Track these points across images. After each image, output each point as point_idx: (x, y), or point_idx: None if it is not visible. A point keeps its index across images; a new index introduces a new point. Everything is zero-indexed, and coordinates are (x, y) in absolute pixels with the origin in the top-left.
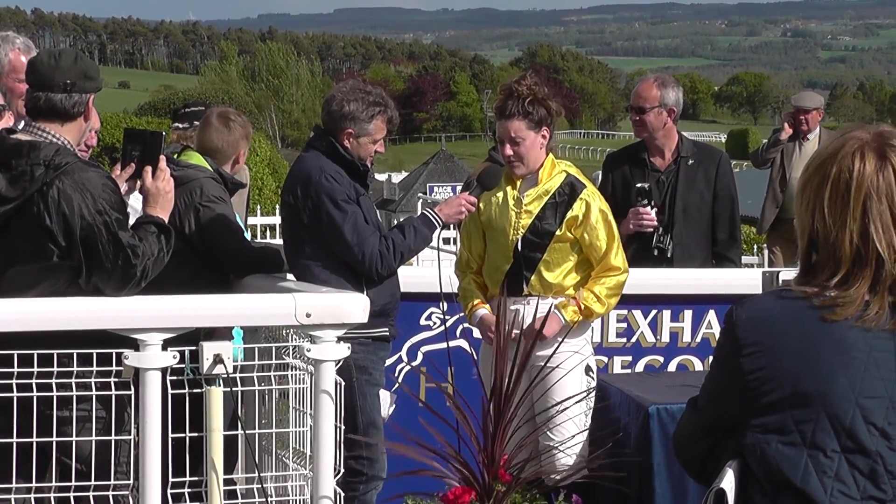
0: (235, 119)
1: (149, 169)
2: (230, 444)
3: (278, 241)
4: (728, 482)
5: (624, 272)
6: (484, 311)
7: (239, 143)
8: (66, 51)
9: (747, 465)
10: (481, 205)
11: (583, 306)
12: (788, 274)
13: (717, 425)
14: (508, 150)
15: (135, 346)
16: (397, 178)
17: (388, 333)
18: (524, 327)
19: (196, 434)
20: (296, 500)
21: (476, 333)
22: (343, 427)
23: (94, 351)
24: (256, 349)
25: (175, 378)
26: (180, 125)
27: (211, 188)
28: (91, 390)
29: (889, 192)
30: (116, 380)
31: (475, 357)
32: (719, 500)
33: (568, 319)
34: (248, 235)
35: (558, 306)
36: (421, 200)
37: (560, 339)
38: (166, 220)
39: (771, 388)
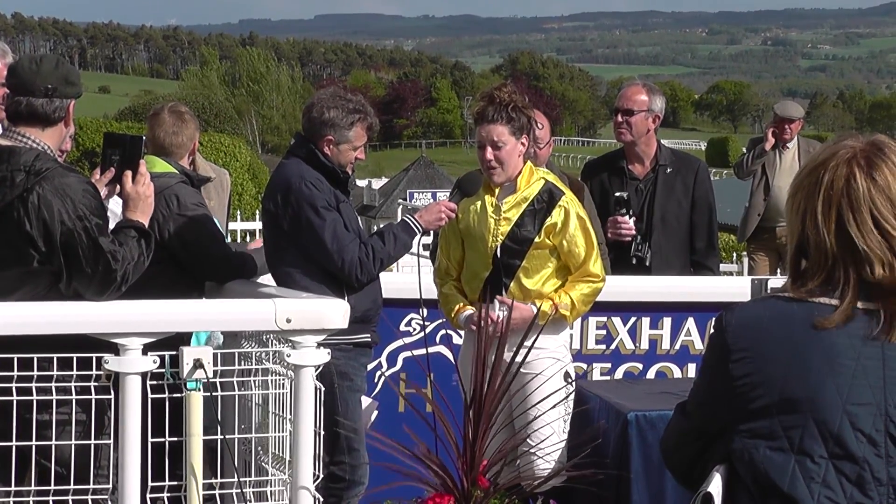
0: (186, 111)
1: (129, 173)
2: (210, 449)
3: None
4: (715, 486)
5: (601, 280)
6: (470, 311)
7: (195, 135)
8: (47, 56)
9: (735, 470)
10: (459, 212)
11: (559, 308)
12: (777, 282)
13: (705, 430)
14: (488, 155)
15: (115, 350)
16: (377, 184)
17: (369, 339)
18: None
19: (176, 439)
20: None
21: (456, 339)
22: (324, 433)
23: (75, 355)
24: (237, 354)
25: (155, 383)
26: None
27: (188, 195)
28: (71, 394)
29: (879, 201)
30: (96, 384)
31: (455, 363)
32: None
33: (539, 311)
34: (228, 240)
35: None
36: (401, 206)
37: (538, 345)
38: (146, 225)
39: (759, 394)
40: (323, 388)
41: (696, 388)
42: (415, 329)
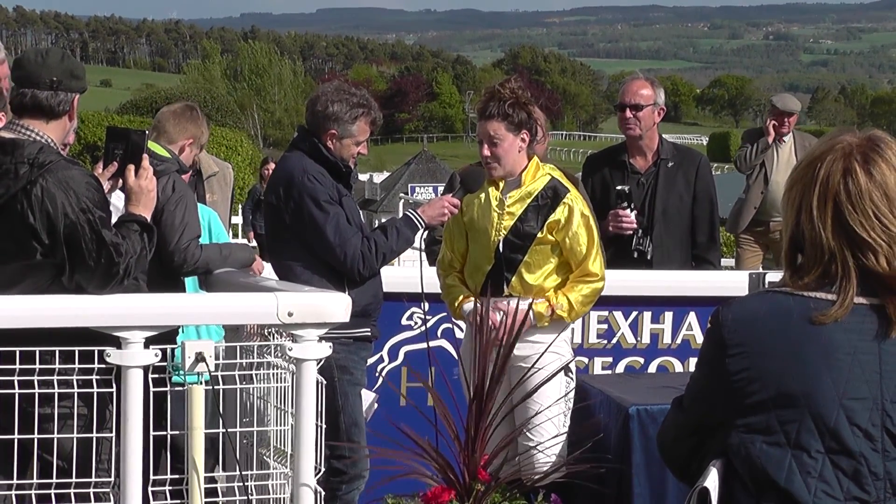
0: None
1: (131, 167)
2: (211, 443)
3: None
4: (712, 481)
5: (600, 280)
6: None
7: (190, 132)
8: (53, 49)
9: (731, 465)
10: (464, 205)
11: (555, 311)
12: (775, 276)
13: (702, 425)
14: (486, 151)
15: (117, 343)
16: (379, 178)
17: (369, 334)
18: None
19: (177, 432)
20: (277, 499)
21: (458, 333)
22: (325, 427)
23: (77, 348)
24: (238, 347)
25: (156, 376)
26: None
27: (180, 183)
28: (73, 388)
29: (876, 196)
30: (98, 377)
31: (456, 357)
32: (703, 499)
33: (535, 313)
34: (229, 235)
35: (532, 305)
36: (403, 201)
37: (539, 340)
38: (148, 219)
39: (756, 389)
40: (324, 382)
41: (693, 383)
42: (416, 323)
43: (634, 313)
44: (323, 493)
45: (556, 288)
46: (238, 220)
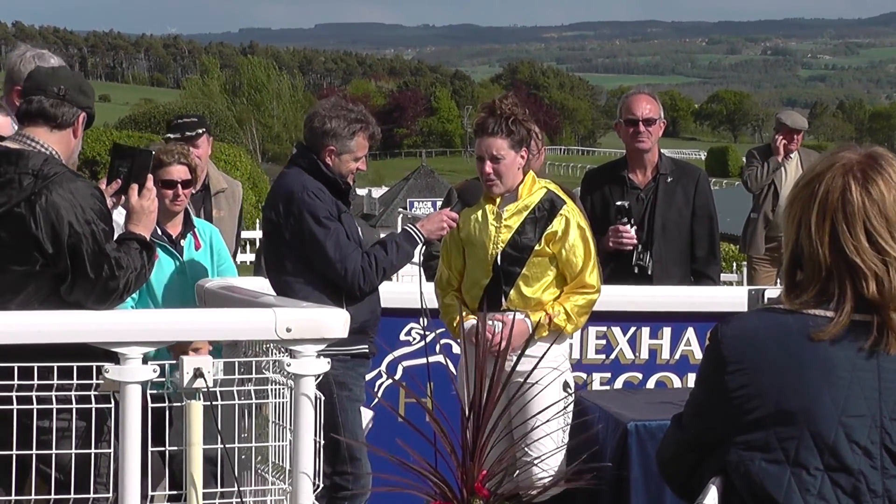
0: None
1: (135, 187)
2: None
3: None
4: (711, 499)
5: (596, 291)
6: (473, 321)
7: None
8: (63, 66)
9: (730, 482)
10: (461, 221)
11: (553, 319)
12: (774, 292)
13: (701, 442)
14: (487, 168)
15: (115, 359)
16: (377, 193)
17: (367, 350)
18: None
19: (176, 448)
20: None
21: (456, 349)
22: (325, 443)
23: (75, 364)
24: (236, 363)
25: (155, 392)
26: (171, 136)
27: None
28: (71, 403)
29: (873, 214)
30: (97, 393)
31: (454, 373)
32: None
33: (533, 323)
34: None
35: (529, 315)
36: (401, 216)
37: (539, 355)
38: (148, 238)
39: (755, 406)
40: (323, 398)
41: (692, 400)
42: (414, 339)
43: (633, 329)
44: None
45: (555, 301)
46: (251, 234)
